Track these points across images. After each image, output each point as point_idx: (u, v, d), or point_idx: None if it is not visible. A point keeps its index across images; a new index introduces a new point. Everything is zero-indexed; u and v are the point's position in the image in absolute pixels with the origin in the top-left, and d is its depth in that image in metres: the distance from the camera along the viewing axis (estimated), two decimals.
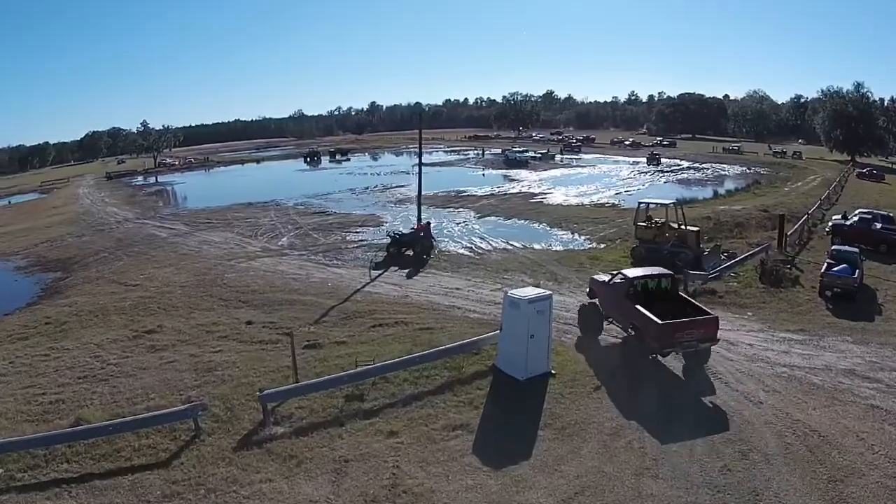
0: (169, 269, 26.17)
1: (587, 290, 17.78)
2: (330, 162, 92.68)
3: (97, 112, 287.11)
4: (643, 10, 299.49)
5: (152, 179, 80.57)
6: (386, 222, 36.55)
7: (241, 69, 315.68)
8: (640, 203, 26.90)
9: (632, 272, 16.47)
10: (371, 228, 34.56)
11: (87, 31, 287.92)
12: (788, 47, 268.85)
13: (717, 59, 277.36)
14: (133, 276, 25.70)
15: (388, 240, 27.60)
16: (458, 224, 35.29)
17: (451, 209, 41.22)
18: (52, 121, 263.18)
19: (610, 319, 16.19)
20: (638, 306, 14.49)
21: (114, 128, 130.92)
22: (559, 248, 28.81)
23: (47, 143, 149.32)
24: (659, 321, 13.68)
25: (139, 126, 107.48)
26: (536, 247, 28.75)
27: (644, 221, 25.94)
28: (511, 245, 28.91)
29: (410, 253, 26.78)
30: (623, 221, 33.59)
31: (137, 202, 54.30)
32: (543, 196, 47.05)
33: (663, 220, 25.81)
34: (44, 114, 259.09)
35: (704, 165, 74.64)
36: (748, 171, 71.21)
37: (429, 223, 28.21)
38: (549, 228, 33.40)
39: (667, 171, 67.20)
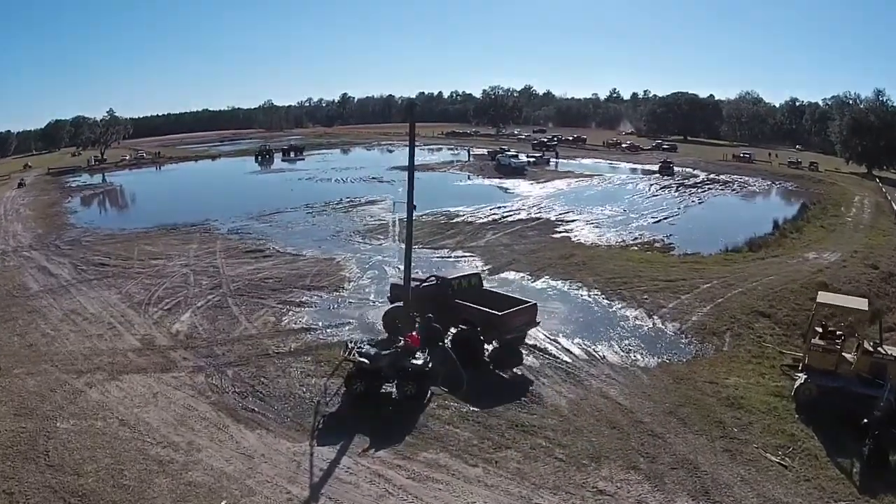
0: None
1: (388, 295, 18.29)
2: (283, 161, 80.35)
3: (66, 100, 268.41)
4: (623, 6, 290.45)
5: (98, 178, 68.45)
6: (349, 279, 24.11)
7: (212, 58, 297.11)
8: (817, 301, 14.51)
9: (448, 275, 18.06)
10: (324, 295, 21.97)
11: (55, 17, 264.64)
12: (777, 49, 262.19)
13: (703, 59, 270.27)
14: None
15: (350, 356, 13.99)
16: None
17: (446, 251, 28.92)
18: (19, 109, 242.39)
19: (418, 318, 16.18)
20: (471, 304, 15.94)
21: (78, 116, 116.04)
22: (648, 358, 16.21)
23: (9, 131, 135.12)
24: (499, 313, 15.21)
25: (105, 114, 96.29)
26: (609, 356, 16.37)
27: (817, 333, 13.96)
28: (565, 351, 16.59)
29: (392, 391, 14.00)
30: (709, 287, 22.31)
31: (52, 215, 42.36)
32: (566, 226, 35.12)
33: (842, 331, 14.23)
34: (9, 101, 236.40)
35: (723, 177, 64.60)
36: (775, 185, 62.11)
37: (443, 344, 15.01)
38: (604, 301, 21.25)
39: (689, 186, 56.51)
